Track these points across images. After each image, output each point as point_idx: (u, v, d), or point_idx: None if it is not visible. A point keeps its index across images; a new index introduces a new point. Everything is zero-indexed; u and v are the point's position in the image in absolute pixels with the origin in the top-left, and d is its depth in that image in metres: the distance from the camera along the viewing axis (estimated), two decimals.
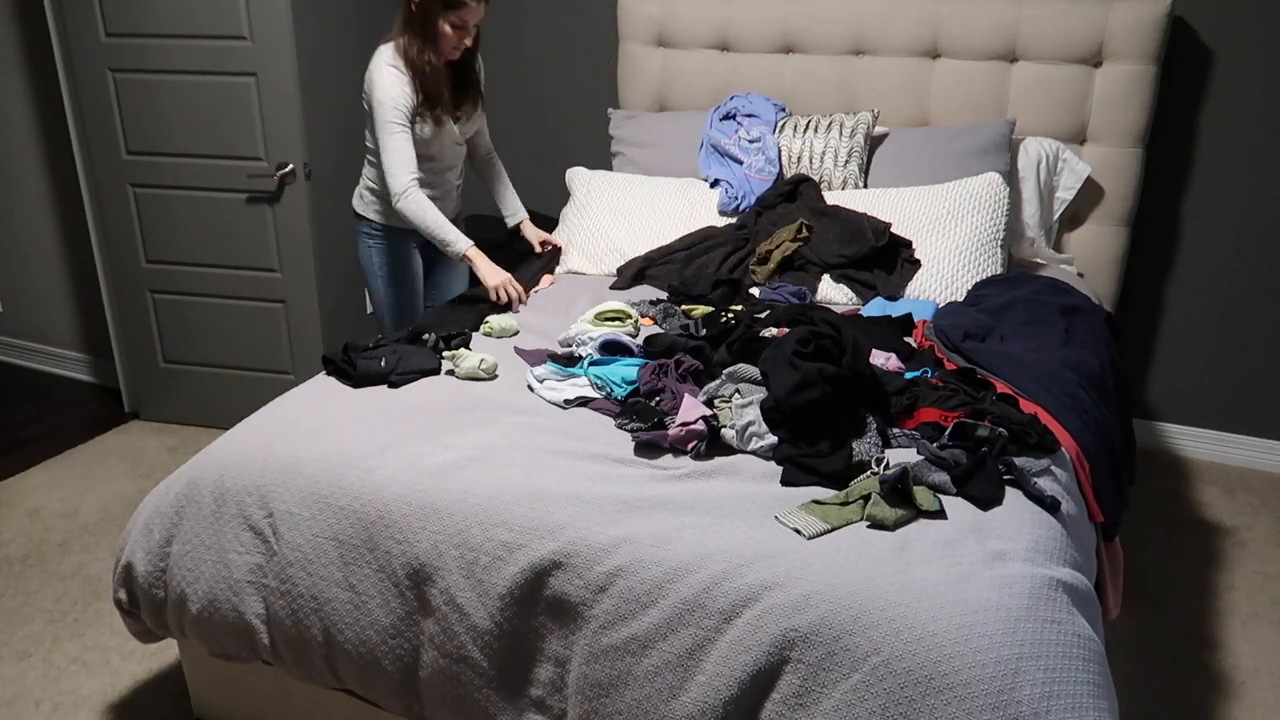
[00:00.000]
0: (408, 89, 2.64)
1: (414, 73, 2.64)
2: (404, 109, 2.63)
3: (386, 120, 2.62)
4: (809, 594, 1.53)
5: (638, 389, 2.18)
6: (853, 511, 1.71)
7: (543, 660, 1.71)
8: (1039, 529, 1.69)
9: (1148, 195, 3.23)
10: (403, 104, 2.63)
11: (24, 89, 3.69)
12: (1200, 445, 3.43)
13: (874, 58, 3.23)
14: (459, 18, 2.59)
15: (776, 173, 3.11)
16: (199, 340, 3.51)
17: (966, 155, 2.99)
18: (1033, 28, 3.02)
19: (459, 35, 2.62)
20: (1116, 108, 3.01)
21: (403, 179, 2.63)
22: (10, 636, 2.52)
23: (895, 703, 1.42)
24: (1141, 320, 3.39)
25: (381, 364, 2.27)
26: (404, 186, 2.63)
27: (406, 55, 2.63)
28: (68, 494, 3.18)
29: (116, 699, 2.32)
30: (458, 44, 2.65)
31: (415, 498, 1.81)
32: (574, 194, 3.27)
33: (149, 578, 2.00)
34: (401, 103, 2.63)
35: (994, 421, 1.94)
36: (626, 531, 1.68)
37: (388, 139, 2.63)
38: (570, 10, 3.80)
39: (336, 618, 1.83)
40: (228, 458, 2.00)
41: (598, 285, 2.95)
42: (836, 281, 2.83)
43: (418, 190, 2.65)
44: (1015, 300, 2.56)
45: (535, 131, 4.02)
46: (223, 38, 3.10)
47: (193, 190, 3.31)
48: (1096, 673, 1.47)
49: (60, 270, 3.94)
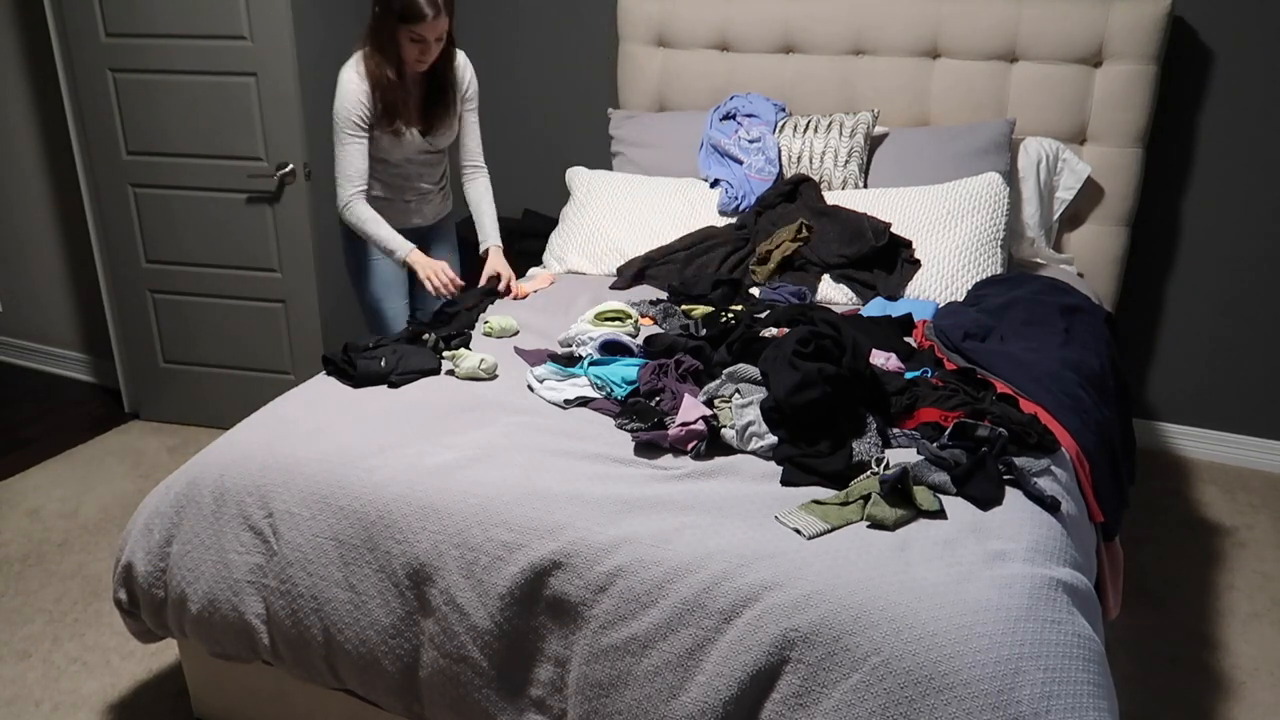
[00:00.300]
0: (364, 99, 2.63)
1: (373, 84, 2.63)
2: (358, 119, 2.64)
3: (338, 129, 2.65)
4: (809, 594, 1.53)
5: (638, 389, 2.18)
6: (853, 511, 1.71)
7: (543, 660, 1.71)
8: (1039, 529, 1.69)
9: (1148, 195, 3.23)
10: (357, 114, 2.63)
11: (24, 89, 3.69)
12: (1200, 445, 3.43)
13: (874, 58, 3.23)
14: (416, 32, 2.54)
15: (776, 173, 3.11)
16: (199, 340, 3.51)
17: (966, 155, 2.99)
18: (1033, 28, 3.02)
19: (419, 49, 2.59)
20: (1116, 108, 3.01)
21: (345, 191, 2.68)
22: (10, 636, 2.52)
23: (895, 703, 1.42)
24: (1141, 320, 3.39)
25: (381, 364, 2.27)
26: (345, 199, 2.69)
27: (368, 65, 2.63)
28: (68, 494, 3.18)
29: (116, 699, 2.32)
30: (420, 57, 2.61)
31: (415, 498, 1.81)
32: (574, 194, 3.27)
33: (149, 578, 2.00)
34: (356, 113, 2.63)
35: (994, 421, 1.94)
36: (626, 531, 1.68)
37: (338, 148, 2.66)
38: (570, 10, 3.80)
39: (336, 618, 1.83)
40: (228, 458, 2.00)
41: (598, 285, 2.95)
42: (836, 281, 2.83)
43: (359, 202, 2.69)
44: (1015, 300, 2.56)
45: (535, 131, 4.02)
46: (223, 38, 3.10)
47: (193, 190, 3.31)
48: (1096, 673, 1.47)
49: (60, 270, 3.94)
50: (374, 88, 2.63)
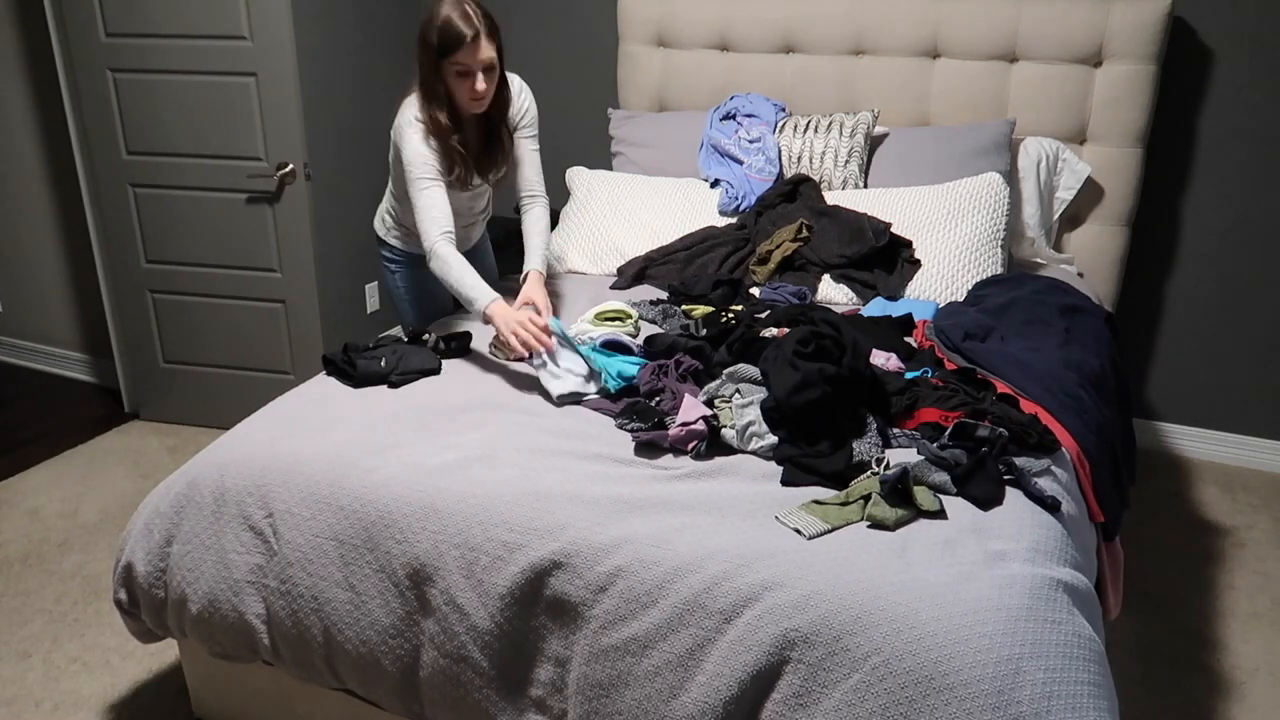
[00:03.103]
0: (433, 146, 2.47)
1: (431, 134, 2.47)
2: (433, 164, 2.47)
3: (413, 178, 2.46)
4: (809, 594, 1.53)
5: (635, 386, 2.18)
6: (853, 511, 1.71)
7: (543, 660, 1.71)
8: (1039, 529, 1.69)
9: (1148, 195, 3.23)
10: (430, 162, 2.46)
11: (24, 89, 3.69)
12: (1200, 445, 3.43)
13: (874, 58, 3.23)
14: (460, 63, 2.36)
15: (776, 173, 3.11)
16: (199, 340, 3.51)
17: (966, 155, 2.99)
18: (1033, 28, 3.02)
19: (469, 85, 2.42)
20: (1116, 108, 3.01)
21: (432, 234, 2.44)
22: (10, 636, 2.52)
23: (895, 703, 1.42)
24: (1141, 320, 3.39)
25: (381, 364, 2.27)
26: (432, 243, 2.44)
27: (424, 114, 2.47)
28: (68, 494, 3.18)
29: (116, 699, 2.32)
30: (473, 92, 2.43)
31: (415, 498, 1.81)
32: (574, 194, 3.27)
33: (149, 578, 2.00)
34: (430, 161, 2.46)
35: (994, 421, 1.94)
36: (626, 531, 1.68)
37: (417, 196, 2.46)
38: (570, 10, 3.80)
39: (336, 618, 1.83)
40: (228, 458, 2.00)
41: (598, 285, 2.95)
42: (836, 281, 2.83)
43: (446, 245, 2.45)
44: (1015, 300, 2.56)
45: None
46: (223, 38, 3.10)
47: (193, 190, 3.31)
48: (1096, 673, 1.47)
49: (60, 270, 3.93)
50: (431, 135, 2.46)
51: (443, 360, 2.37)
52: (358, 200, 3.70)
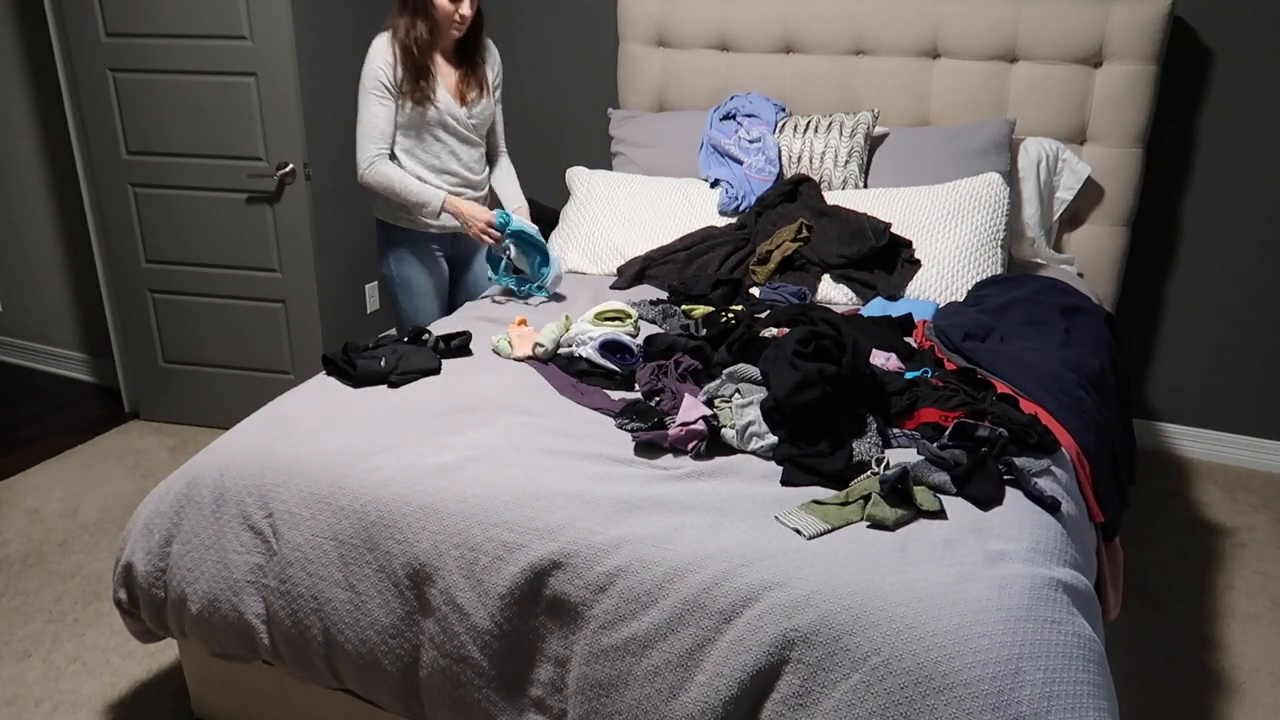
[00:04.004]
0: (391, 60, 2.60)
1: (403, 48, 2.60)
2: (385, 80, 2.59)
3: (364, 90, 2.58)
4: (809, 594, 1.53)
5: (634, 384, 2.19)
6: (853, 511, 1.71)
7: (543, 660, 1.71)
8: (1039, 529, 1.69)
9: (1148, 195, 3.23)
10: (384, 75, 2.59)
11: (24, 89, 3.69)
12: (1200, 445, 3.43)
13: (874, 58, 3.23)
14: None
15: (776, 173, 3.11)
16: (199, 340, 3.51)
17: (966, 155, 2.99)
18: (1033, 28, 3.02)
19: (459, 4, 2.59)
20: (1116, 108, 3.01)
21: (368, 152, 2.57)
22: (10, 636, 2.52)
23: (895, 703, 1.42)
24: (1141, 320, 3.39)
25: (381, 364, 2.27)
26: (368, 159, 2.57)
27: (396, 35, 2.62)
28: (68, 494, 3.18)
29: (116, 699, 2.32)
30: (454, 13, 2.60)
31: (415, 498, 1.81)
32: (574, 194, 3.27)
33: (149, 578, 2.00)
34: (384, 74, 2.59)
35: (994, 421, 1.94)
36: (626, 531, 1.68)
37: (363, 110, 2.58)
38: (570, 10, 3.80)
39: (336, 618, 1.83)
40: (228, 458, 2.00)
41: (598, 285, 2.95)
42: (836, 281, 2.83)
43: (383, 161, 2.58)
44: (1015, 300, 2.56)
45: (535, 131, 4.02)
46: (223, 38, 3.10)
47: (193, 190, 3.31)
48: (1096, 673, 1.47)
49: (60, 270, 3.94)
50: (404, 51, 2.60)
51: (443, 360, 2.37)
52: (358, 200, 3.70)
